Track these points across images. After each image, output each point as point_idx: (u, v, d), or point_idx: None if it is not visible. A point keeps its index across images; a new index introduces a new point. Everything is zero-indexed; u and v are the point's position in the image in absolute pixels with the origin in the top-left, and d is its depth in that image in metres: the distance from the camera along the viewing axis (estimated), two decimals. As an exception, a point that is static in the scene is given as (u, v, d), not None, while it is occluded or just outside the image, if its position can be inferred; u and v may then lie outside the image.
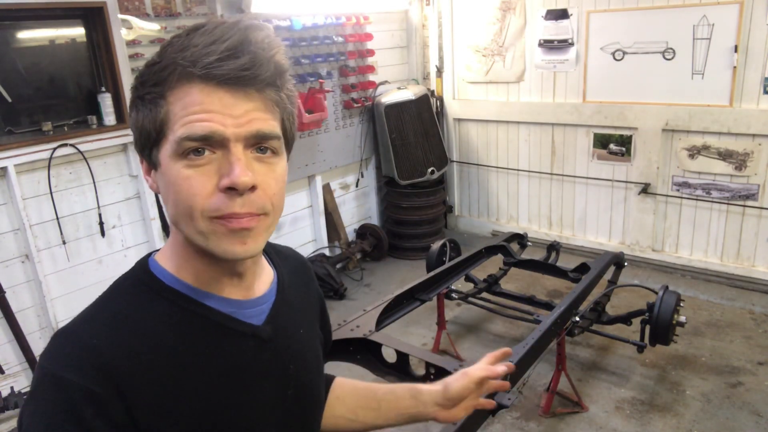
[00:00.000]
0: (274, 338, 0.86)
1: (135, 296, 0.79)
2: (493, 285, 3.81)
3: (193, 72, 0.71)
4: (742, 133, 4.12)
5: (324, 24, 4.61)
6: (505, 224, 5.59)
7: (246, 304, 0.85)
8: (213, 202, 0.72)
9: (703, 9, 4.08)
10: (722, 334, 3.85)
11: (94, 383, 0.69)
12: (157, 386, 0.73)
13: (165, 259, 0.82)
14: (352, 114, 5.14)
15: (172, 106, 0.73)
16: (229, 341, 0.81)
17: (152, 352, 0.74)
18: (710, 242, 4.50)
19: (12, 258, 3.20)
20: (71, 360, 0.71)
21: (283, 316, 0.90)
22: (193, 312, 0.79)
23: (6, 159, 3.06)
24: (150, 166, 0.78)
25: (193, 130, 0.71)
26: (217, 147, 0.72)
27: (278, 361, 0.87)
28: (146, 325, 0.76)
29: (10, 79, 3.11)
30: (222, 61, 0.70)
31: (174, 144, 0.72)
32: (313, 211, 4.99)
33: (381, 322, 2.77)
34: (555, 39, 4.82)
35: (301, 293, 0.99)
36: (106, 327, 0.75)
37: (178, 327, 0.78)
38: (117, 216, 3.63)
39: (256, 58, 0.72)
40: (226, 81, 0.71)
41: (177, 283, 0.80)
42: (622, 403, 3.21)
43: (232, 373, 0.81)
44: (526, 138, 5.25)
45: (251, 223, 0.74)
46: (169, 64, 0.72)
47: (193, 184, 0.72)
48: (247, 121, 0.73)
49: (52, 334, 0.75)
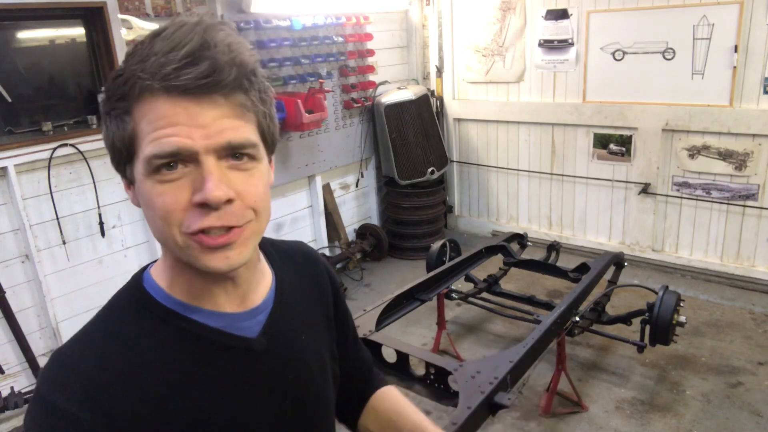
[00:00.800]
0: (270, 349, 0.84)
1: (128, 314, 0.78)
2: (493, 285, 3.81)
3: (152, 85, 0.68)
4: (742, 133, 4.11)
5: (324, 24, 4.61)
6: (505, 224, 5.59)
7: (240, 316, 0.83)
8: (187, 217, 0.70)
9: (703, 9, 4.08)
10: (722, 334, 3.84)
11: (81, 409, 0.69)
12: (147, 407, 0.73)
13: (158, 273, 0.81)
14: (352, 114, 5.14)
15: (138, 121, 0.70)
16: (220, 357, 0.80)
17: (142, 372, 0.74)
18: (710, 242, 4.50)
19: (12, 258, 3.20)
20: (61, 386, 0.71)
21: (281, 325, 0.87)
22: (184, 329, 0.78)
23: (6, 159, 3.06)
24: (128, 182, 0.77)
25: (161, 148, 0.68)
26: (188, 161, 0.69)
27: (274, 373, 0.85)
28: (137, 345, 0.75)
29: (10, 79, 3.11)
30: (180, 70, 0.67)
31: (144, 162, 0.70)
32: (313, 211, 4.99)
33: (381, 322, 2.78)
34: (555, 39, 4.82)
35: (306, 293, 0.97)
36: (98, 349, 0.75)
37: (168, 345, 0.77)
38: (117, 216, 3.63)
39: (216, 62, 0.68)
40: (187, 90, 0.68)
41: (168, 300, 0.79)
42: (622, 403, 3.21)
43: (224, 390, 0.79)
44: (526, 138, 5.25)
45: (231, 238, 0.72)
46: (130, 77, 0.69)
47: (167, 200, 0.70)
48: (217, 132, 0.70)
49: (52, 353, 0.77)
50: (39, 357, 3.32)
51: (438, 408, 3.14)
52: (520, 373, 2.47)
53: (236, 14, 4.04)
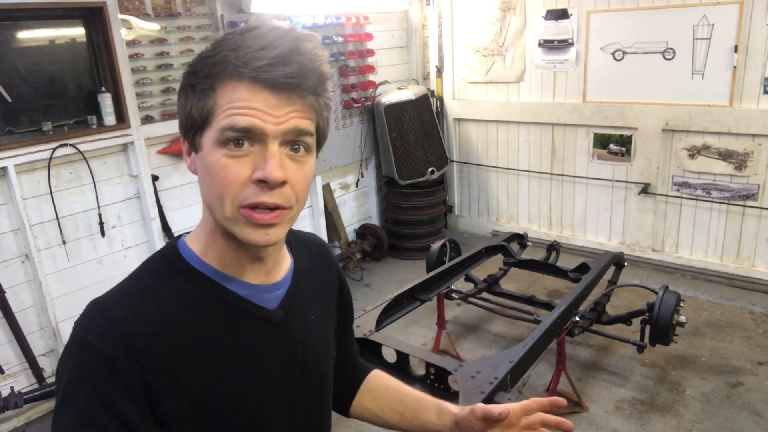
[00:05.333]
0: (285, 322, 0.92)
1: (162, 274, 0.87)
2: (493, 285, 3.81)
3: (243, 72, 0.77)
4: (742, 133, 4.11)
5: (324, 24, 4.62)
6: (505, 224, 5.59)
7: (262, 288, 0.91)
8: (244, 191, 0.78)
9: (703, 9, 4.07)
10: (722, 334, 3.84)
11: (114, 350, 0.77)
12: (172, 357, 0.81)
13: (193, 240, 0.89)
14: (352, 114, 5.14)
15: (219, 98, 0.79)
16: (242, 322, 0.88)
17: (170, 326, 0.82)
18: (710, 242, 4.50)
19: (12, 258, 3.20)
20: (98, 328, 0.79)
21: (296, 303, 0.95)
22: (213, 293, 0.86)
23: (6, 159, 3.06)
24: (191, 148, 0.84)
25: (236, 122, 0.77)
26: (255, 141, 0.78)
27: (287, 344, 0.93)
28: (168, 302, 0.83)
29: (10, 79, 3.11)
30: (272, 66, 0.76)
31: (217, 132, 0.78)
32: (313, 211, 4.99)
33: (381, 322, 2.78)
34: (555, 39, 4.82)
35: (317, 279, 1.05)
36: (133, 301, 0.83)
37: (197, 305, 0.85)
38: (117, 216, 3.63)
39: (303, 68, 0.78)
40: (273, 85, 0.77)
41: (201, 265, 0.87)
42: (622, 403, 3.21)
43: (242, 351, 0.87)
44: (526, 138, 5.25)
45: (275, 220, 0.80)
46: (222, 60, 0.78)
47: (229, 173, 0.78)
48: (286, 120, 0.79)
49: (88, 303, 0.84)
50: (39, 357, 3.32)
51: (438, 408, 3.14)
52: (520, 373, 2.47)
53: (236, 14, 4.04)
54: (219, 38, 0.81)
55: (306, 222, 4.96)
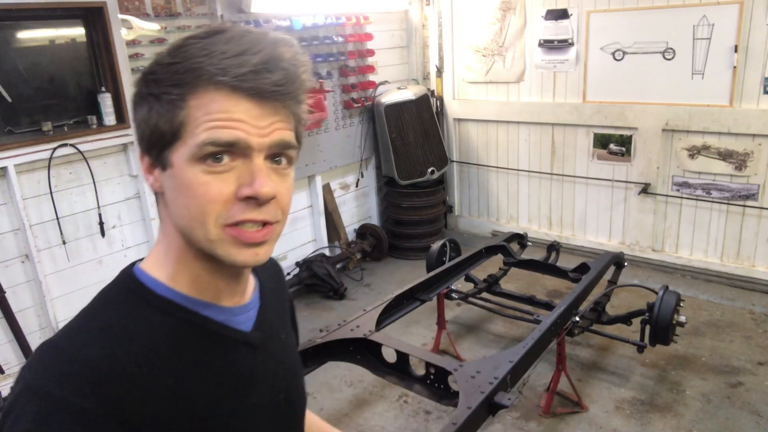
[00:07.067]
0: (263, 344, 0.87)
1: (126, 307, 0.77)
2: (493, 285, 3.81)
3: (222, 80, 0.70)
4: (742, 133, 4.11)
5: (324, 24, 4.62)
6: (505, 224, 5.59)
7: (237, 311, 0.85)
8: (228, 209, 0.72)
9: (703, 9, 4.08)
10: (722, 334, 3.84)
11: (83, 399, 0.66)
12: (154, 399, 0.72)
13: (155, 267, 0.80)
14: (352, 114, 5.14)
15: (193, 109, 0.71)
16: (223, 349, 0.81)
17: (148, 364, 0.73)
18: (710, 242, 4.50)
19: (12, 258, 3.20)
20: (59, 373, 0.67)
21: (268, 322, 0.91)
22: (189, 322, 0.78)
23: (6, 159, 3.06)
24: (155, 164, 0.76)
25: (218, 136, 0.70)
26: (238, 155, 0.72)
27: (268, 366, 0.88)
28: (141, 337, 0.74)
29: (10, 79, 3.11)
30: (256, 73, 0.70)
31: (194, 148, 0.71)
32: (313, 211, 4.99)
33: (381, 322, 2.77)
34: (555, 39, 4.82)
35: (277, 298, 0.99)
36: (100, 339, 0.72)
37: (173, 337, 0.77)
38: (117, 216, 3.63)
39: (289, 74, 0.73)
40: (257, 94, 0.71)
41: (171, 293, 0.79)
42: (622, 403, 3.21)
43: (228, 381, 0.81)
44: (526, 138, 5.25)
45: (266, 237, 0.75)
46: (193, 67, 0.71)
47: (210, 190, 0.71)
48: (271, 132, 0.73)
49: (38, 346, 0.71)
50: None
51: (438, 408, 3.15)
52: (520, 373, 2.47)
53: (236, 14, 4.04)
54: (178, 43, 0.74)
55: (306, 222, 4.96)
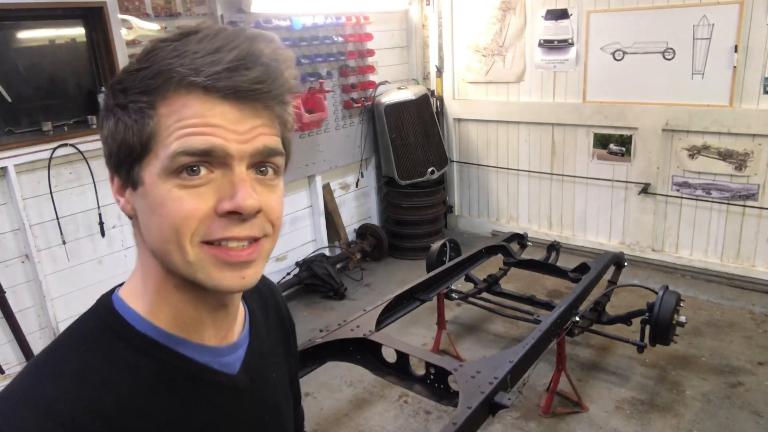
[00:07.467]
0: (250, 387, 0.80)
1: (99, 346, 0.68)
2: (493, 285, 3.81)
3: (194, 81, 0.62)
4: (742, 133, 4.12)
5: (324, 24, 4.62)
6: (505, 224, 5.59)
7: (223, 351, 0.77)
8: (207, 227, 0.64)
9: (703, 9, 4.08)
10: (722, 334, 3.84)
11: None
12: None
13: (133, 297, 0.72)
14: (352, 114, 5.14)
15: (163, 117, 0.64)
16: (205, 394, 0.74)
17: (123, 413, 0.65)
18: (710, 242, 4.50)
19: (12, 258, 3.20)
20: (25, 424, 0.60)
21: (257, 361, 0.83)
22: (169, 364, 0.71)
23: (6, 159, 3.06)
24: (125, 184, 0.69)
25: (192, 144, 0.62)
26: (216, 165, 0.64)
27: (254, 412, 0.81)
28: (115, 382, 0.66)
29: (10, 79, 3.11)
30: (231, 71, 0.62)
31: (165, 160, 0.63)
32: (313, 211, 4.99)
33: (381, 322, 2.78)
34: (555, 39, 4.82)
35: (271, 325, 0.92)
36: (72, 384, 0.64)
37: (151, 382, 0.69)
38: (117, 216, 3.63)
39: (270, 71, 0.65)
40: (234, 94, 0.63)
41: (149, 328, 0.70)
42: (622, 403, 3.21)
43: (209, 429, 0.74)
44: (526, 138, 5.25)
45: (252, 255, 0.67)
46: (162, 70, 0.63)
47: (185, 206, 0.63)
48: (253, 138, 0.65)
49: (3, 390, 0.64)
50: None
51: (438, 408, 3.15)
52: (520, 373, 2.47)
53: (236, 14, 4.04)
54: (147, 47, 0.66)
55: (306, 222, 4.96)
